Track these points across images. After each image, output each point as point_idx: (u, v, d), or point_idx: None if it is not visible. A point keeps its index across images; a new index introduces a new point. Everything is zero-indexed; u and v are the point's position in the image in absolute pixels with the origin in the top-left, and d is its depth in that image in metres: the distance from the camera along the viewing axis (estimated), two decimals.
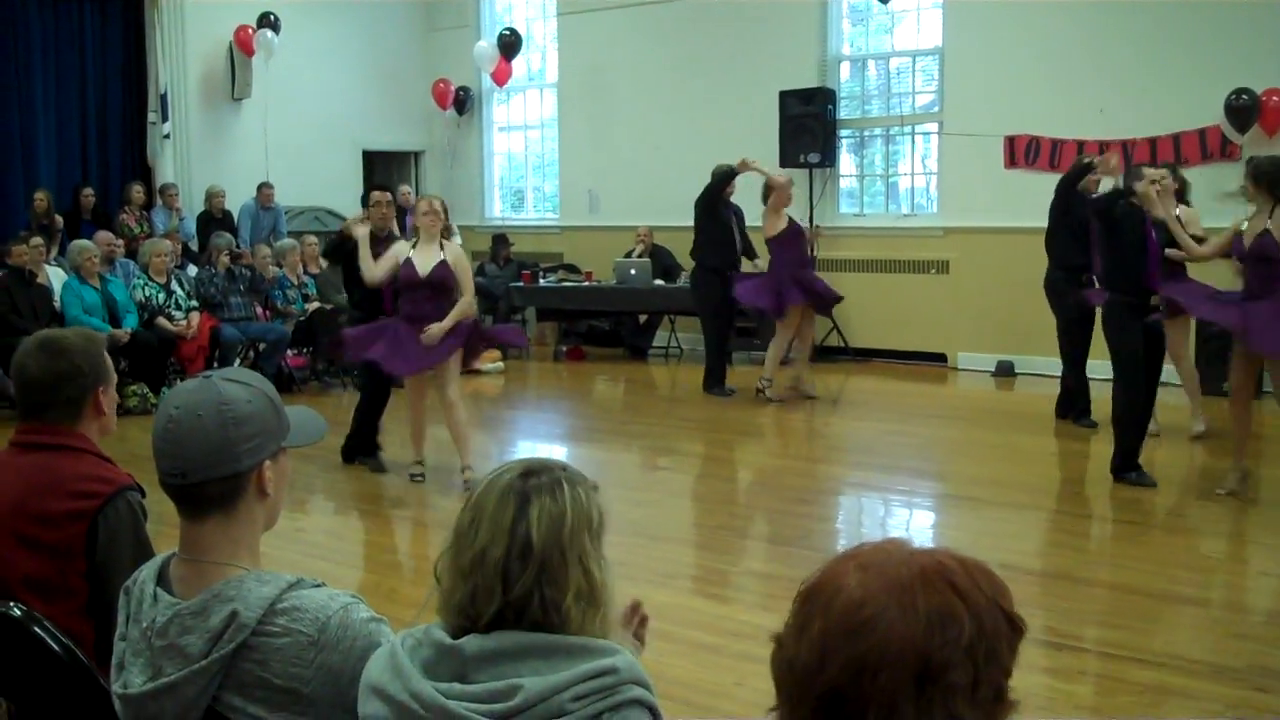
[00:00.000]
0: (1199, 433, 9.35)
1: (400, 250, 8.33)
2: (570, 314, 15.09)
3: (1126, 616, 5.77)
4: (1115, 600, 6.01)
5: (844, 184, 14.52)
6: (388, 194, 9.31)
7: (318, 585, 2.25)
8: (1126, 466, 8.00)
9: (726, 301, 11.81)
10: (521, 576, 1.96)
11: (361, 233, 8.48)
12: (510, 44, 16.44)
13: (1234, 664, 5.08)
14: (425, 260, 8.17)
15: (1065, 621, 5.51)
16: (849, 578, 1.41)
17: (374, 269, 8.28)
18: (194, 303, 12.08)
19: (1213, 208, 9.79)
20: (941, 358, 13.30)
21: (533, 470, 2.06)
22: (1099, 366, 9.73)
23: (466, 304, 8.25)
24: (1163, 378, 8.39)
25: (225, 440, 2.20)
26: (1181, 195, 9.02)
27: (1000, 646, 1.39)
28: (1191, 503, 7.88)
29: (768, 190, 11.47)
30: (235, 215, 14.82)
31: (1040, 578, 6.30)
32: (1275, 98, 11.18)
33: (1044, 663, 4.98)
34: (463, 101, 17.12)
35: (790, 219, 11.49)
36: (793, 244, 11.46)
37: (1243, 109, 11.25)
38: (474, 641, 1.94)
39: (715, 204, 11.73)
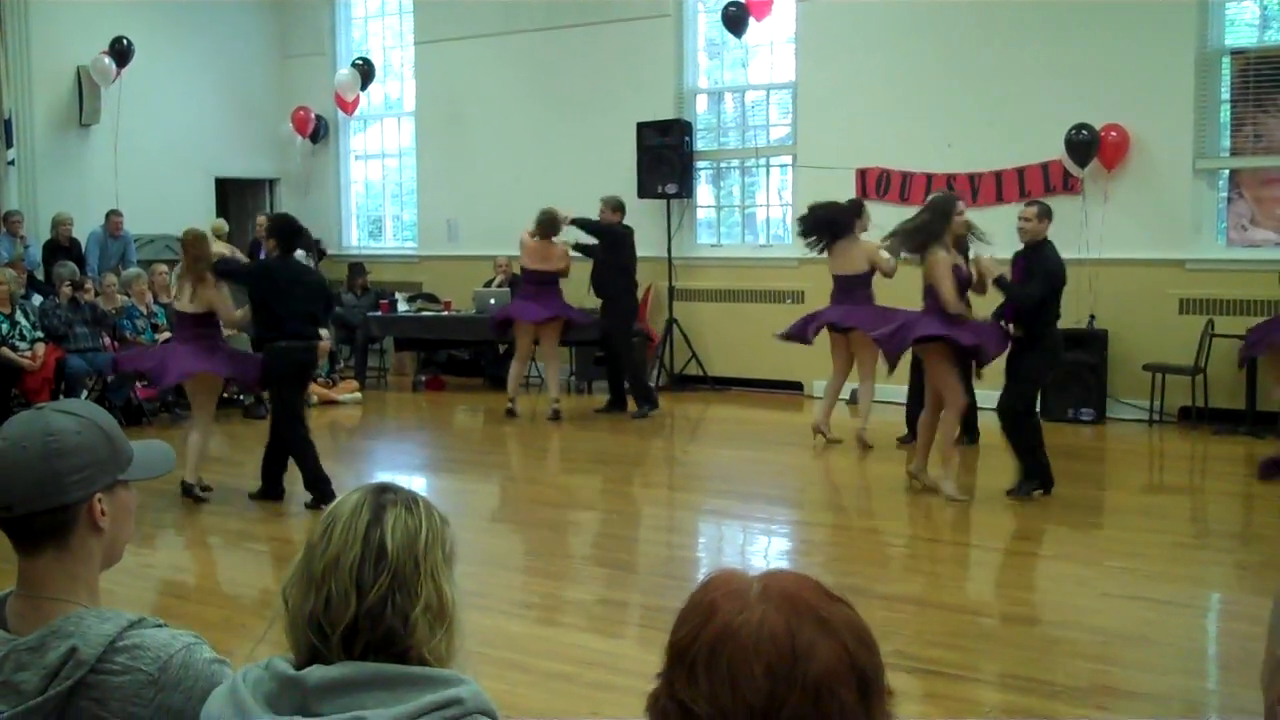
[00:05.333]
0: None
1: None
2: (429, 343, 15.00)
3: (972, 639, 5.91)
4: (961, 623, 6.15)
5: (701, 215, 14.68)
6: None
7: (159, 625, 2.21)
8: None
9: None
10: (376, 583, 1.95)
11: None
12: (364, 73, 16.37)
13: (1076, 684, 5.23)
14: None
15: (913, 644, 5.62)
16: (754, 612, 1.41)
17: None
18: (39, 333, 11.74)
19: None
20: (798, 386, 13.49)
21: (388, 487, 2.07)
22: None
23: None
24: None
25: (49, 472, 2.15)
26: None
27: (877, 644, 1.46)
28: (1036, 526, 8.10)
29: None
30: (83, 243, 14.45)
31: (890, 601, 6.41)
32: (1113, 133, 11.59)
33: (893, 686, 5.06)
34: (317, 129, 16.96)
35: None
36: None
37: (1083, 144, 11.63)
38: (316, 672, 1.92)
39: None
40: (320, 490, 8.41)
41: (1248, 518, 8.68)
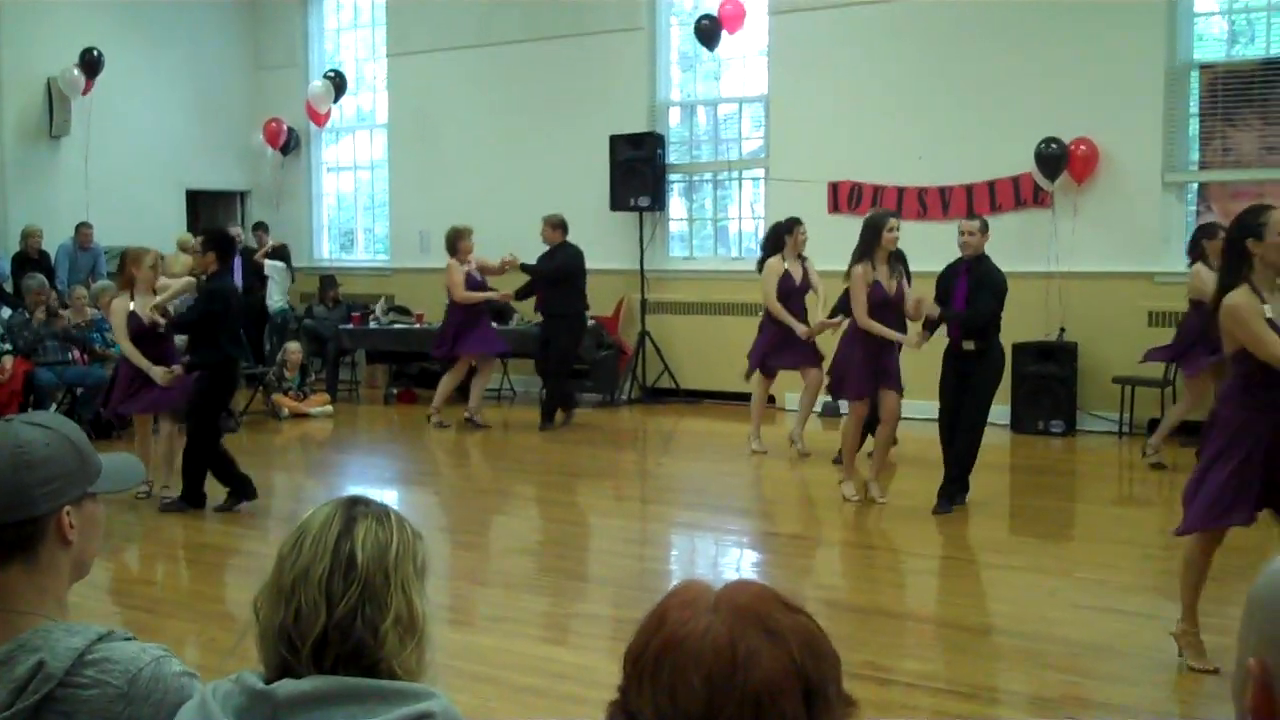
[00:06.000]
0: None
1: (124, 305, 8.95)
2: (401, 356, 14.96)
3: (944, 650, 5.93)
4: (933, 634, 6.18)
5: (674, 228, 14.71)
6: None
7: (129, 638, 2.20)
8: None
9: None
10: (345, 594, 1.94)
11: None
12: (336, 85, 16.37)
13: (1047, 694, 5.26)
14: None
15: (885, 656, 5.63)
16: (701, 621, 1.41)
17: None
18: (7, 346, 11.67)
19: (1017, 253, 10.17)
20: (770, 399, 13.47)
21: (359, 500, 2.08)
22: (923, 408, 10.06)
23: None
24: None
25: (18, 484, 2.14)
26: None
27: (836, 652, 1.45)
28: (1006, 538, 8.14)
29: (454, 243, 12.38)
30: (53, 256, 14.37)
31: (861, 614, 6.43)
32: (1083, 147, 11.67)
33: (864, 697, 5.06)
34: (288, 141, 16.92)
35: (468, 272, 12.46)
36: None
37: (1052, 158, 11.71)
38: (286, 686, 1.92)
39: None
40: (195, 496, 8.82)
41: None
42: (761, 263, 10.77)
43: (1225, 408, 5.36)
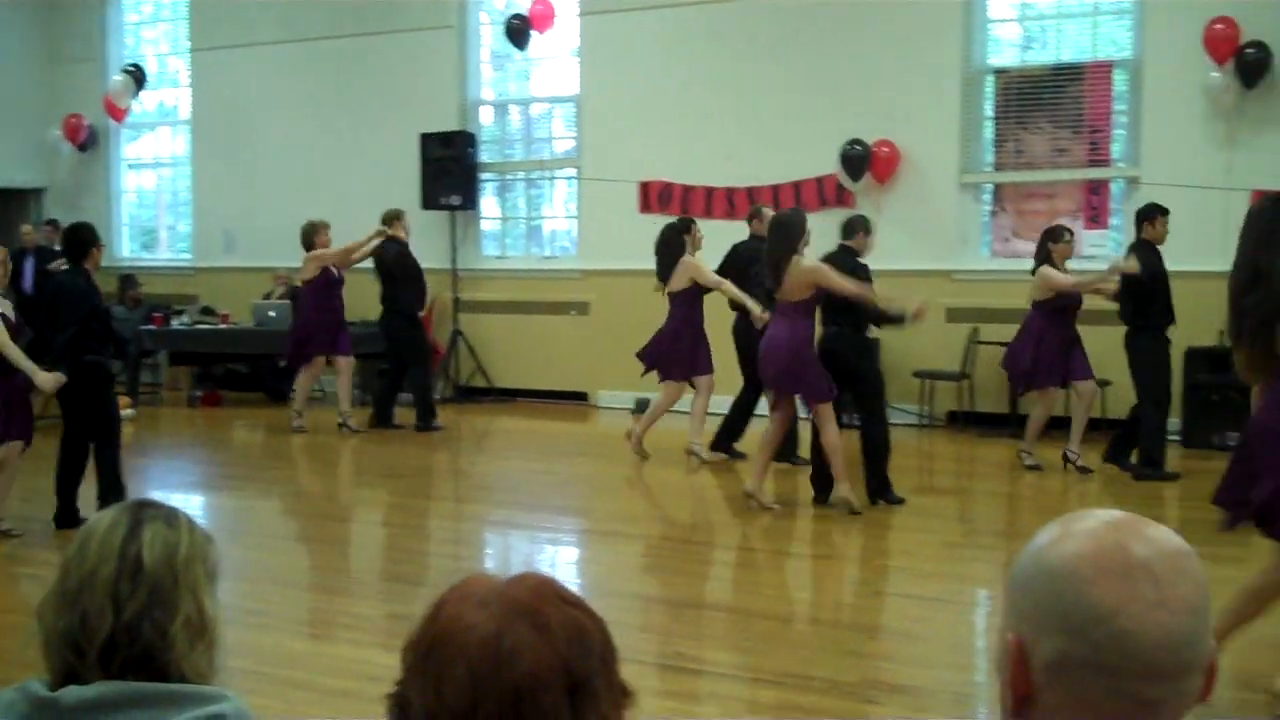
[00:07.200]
0: None
1: None
2: (206, 357, 14.62)
3: (751, 639, 6.04)
4: (741, 624, 6.29)
5: (486, 227, 14.68)
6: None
7: None
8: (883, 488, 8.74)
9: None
10: (132, 597, 1.92)
11: None
12: (136, 80, 15.92)
13: (848, 679, 5.39)
14: None
15: (694, 647, 5.73)
16: (473, 615, 1.43)
17: None
18: None
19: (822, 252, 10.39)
20: (583, 396, 13.58)
21: (147, 503, 2.05)
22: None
23: None
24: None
25: None
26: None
27: (611, 645, 1.48)
28: (810, 527, 8.33)
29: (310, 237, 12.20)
30: None
31: (671, 605, 6.52)
32: (885, 148, 12.01)
33: (671, 687, 5.17)
34: (87, 138, 16.39)
35: (326, 268, 12.13)
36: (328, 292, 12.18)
37: (856, 158, 12.03)
38: (73, 693, 1.88)
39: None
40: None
41: (1012, 517, 9.10)
42: (668, 270, 10.27)
43: (1268, 414, 4.84)
